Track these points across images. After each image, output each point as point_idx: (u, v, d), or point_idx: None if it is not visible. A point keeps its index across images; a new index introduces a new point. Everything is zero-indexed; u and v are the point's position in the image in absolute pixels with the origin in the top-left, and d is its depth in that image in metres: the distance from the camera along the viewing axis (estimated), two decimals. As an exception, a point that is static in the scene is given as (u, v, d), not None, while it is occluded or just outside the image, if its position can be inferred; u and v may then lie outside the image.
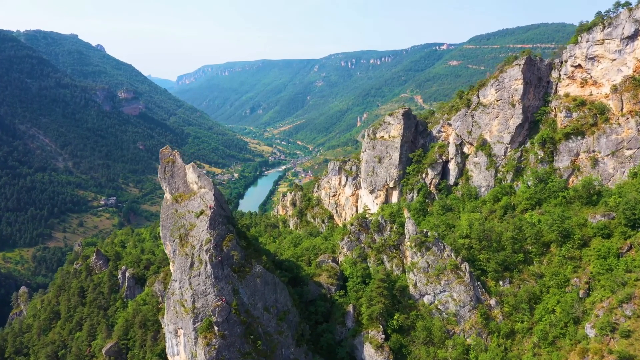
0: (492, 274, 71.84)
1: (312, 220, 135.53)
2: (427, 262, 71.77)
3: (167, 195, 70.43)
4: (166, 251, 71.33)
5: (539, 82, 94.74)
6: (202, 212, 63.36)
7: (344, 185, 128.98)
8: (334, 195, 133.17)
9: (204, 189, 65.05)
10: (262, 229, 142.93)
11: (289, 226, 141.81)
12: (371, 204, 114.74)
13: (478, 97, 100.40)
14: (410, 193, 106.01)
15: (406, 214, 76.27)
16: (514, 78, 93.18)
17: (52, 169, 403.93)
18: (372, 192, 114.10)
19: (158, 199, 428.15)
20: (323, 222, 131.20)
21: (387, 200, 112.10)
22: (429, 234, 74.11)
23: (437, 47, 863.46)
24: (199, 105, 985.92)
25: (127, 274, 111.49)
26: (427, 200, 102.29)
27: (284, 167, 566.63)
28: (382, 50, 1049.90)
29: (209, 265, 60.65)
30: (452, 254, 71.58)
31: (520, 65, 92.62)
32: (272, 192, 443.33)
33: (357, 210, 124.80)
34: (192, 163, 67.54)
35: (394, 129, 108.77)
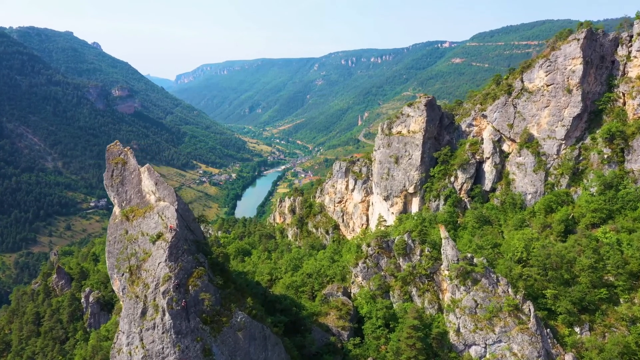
0: (565, 317, 52.38)
1: (314, 231, 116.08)
2: (475, 300, 52.41)
3: (116, 210, 51.10)
4: (114, 288, 52.13)
5: (601, 62, 75.32)
6: (159, 236, 43.98)
7: (352, 190, 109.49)
8: (339, 202, 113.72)
9: (164, 202, 45.63)
10: (256, 240, 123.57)
11: (288, 237, 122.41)
12: (386, 212, 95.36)
13: (522, 82, 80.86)
14: (434, 201, 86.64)
15: (443, 232, 56.89)
16: (570, 56, 73.74)
17: (40, 169, 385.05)
18: (386, 198, 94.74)
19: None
20: (327, 233, 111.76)
21: (405, 209, 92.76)
22: (475, 260, 54.73)
23: (439, 45, 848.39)
24: (198, 104, 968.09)
25: (91, 298, 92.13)
26: (457, 210, 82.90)
27: (283, 167, 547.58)
28: (382, 48, 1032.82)
29: (167, 315, 41.31)
30: (510, 290, 52.21)
31: (578, 40, 73.15)
32: (270, 193, 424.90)
33: (367, 220, 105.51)
34: (147, 165, 48.28)
35: (415, 123, 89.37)
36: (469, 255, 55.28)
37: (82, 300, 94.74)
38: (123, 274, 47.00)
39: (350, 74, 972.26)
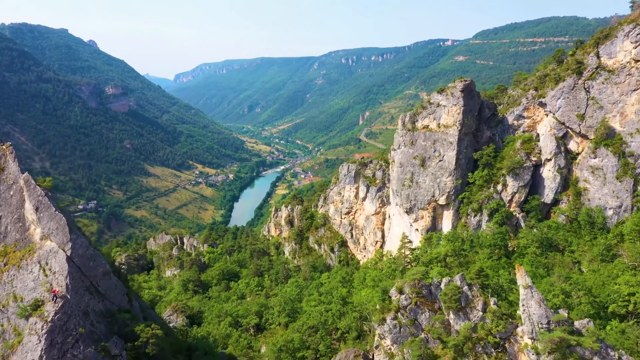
0: None
1: (317, 247, 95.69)
2: (584, 394, 32.11)
3: (-15, 249, 31.02)
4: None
5: None
6: (36, 307, 23.67)
7: (364, 199, 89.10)
8: (347, 213, 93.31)
9: (50, 243, 25.35)
10: (247, 257, 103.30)
11: (284, 253, 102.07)
12: (408, 229, 75.12)
13: (598, 58, 60.46)
14: (475, 215, 66.28)
15: (522, 277, 36.28)
16: (672, 20, 53.61)
17: (27, 170, 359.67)
18: (409, 211, 74.41)
19: (144, 202, 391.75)
20: (332, 250, 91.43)
21: (434, 226, 72.40)
22: (576, 323, 34.35)
23: (441, 43, 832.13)
24: (196, 103, 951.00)
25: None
26: (507, 229, 62.53)
27: (282, 167, 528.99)
28: (383, 47, 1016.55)
29: None
30: (643, 378, 31.92)
31: (684, -3, 53.02)
32: (269, 195, 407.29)
33: (383, 237, 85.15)
34: (25, 174, 28.12)
35: (448, 114, 69.04)
36: (565, 314, 34.83)
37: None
38: (-14, 366, 26.69)
39: (351, 72, 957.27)
